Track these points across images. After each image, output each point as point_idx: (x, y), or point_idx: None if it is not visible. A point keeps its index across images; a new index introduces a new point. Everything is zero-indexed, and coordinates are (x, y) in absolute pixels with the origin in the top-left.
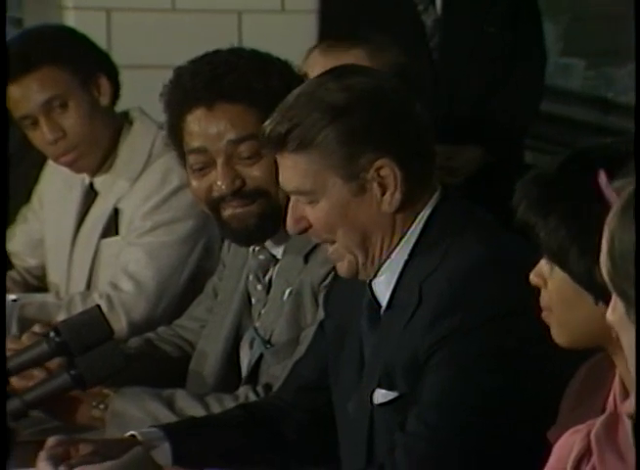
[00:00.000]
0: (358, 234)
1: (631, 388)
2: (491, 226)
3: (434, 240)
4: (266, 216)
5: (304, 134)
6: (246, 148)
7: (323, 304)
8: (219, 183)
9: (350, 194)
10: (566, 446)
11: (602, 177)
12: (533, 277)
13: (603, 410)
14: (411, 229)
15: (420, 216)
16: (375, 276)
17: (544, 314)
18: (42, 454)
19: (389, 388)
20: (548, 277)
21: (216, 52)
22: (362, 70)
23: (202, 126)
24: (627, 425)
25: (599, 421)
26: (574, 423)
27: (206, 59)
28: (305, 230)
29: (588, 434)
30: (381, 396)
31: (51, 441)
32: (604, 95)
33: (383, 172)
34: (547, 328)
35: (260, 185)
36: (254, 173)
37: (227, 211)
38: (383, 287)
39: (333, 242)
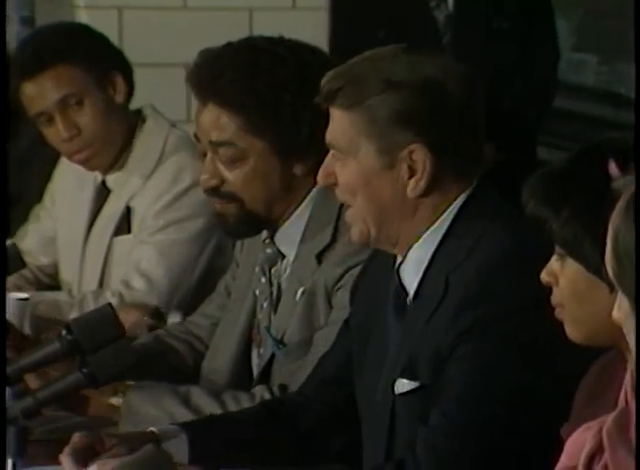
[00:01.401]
0: (375, 207)
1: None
2: (518, 220)
3: (464, 231)
4: (241, 220)
5: (355, 94)
6: (223, 153)
7: (349, 301)
8: (202, 176)
9: (379, 166)
10: (578, 443)
11: (612, 167)
12: (544, 276)
13: (615, 407)
14: (442, 218)
15: (452, 207)
16: (402, 262)
17: (557, 311)
18: (67, 449)
19: (412, 378)
20: (560, 274)
21: (209, 50)
22: (434, 54)
23: (198, 119)
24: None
25: (611, 417)
26: (587, 420)
27: (200, 55)
28: (332, 185)
29: (600, 430)
30: (402, 385)
31: (76, 436)
32: (617, 90)
33: (415, 156)
34: (562, 325)
35: (233, 190)
36: (230, 177)
37: (214, 205)
38: (411, 275)
39: (350, 206)
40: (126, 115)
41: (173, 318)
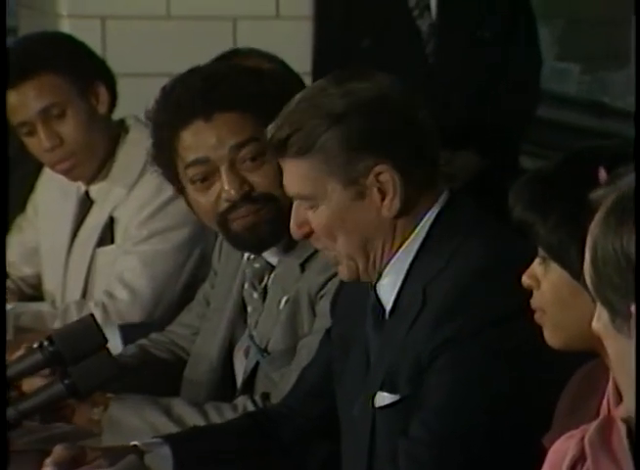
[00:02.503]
0: (358, 239)
1: (624, 392)
2: (497, 229)
3: (439, 243)
4: (276, 221)
5: (304, 140)
6: (248, 151)
7: (330, 310)
8: (227, 188)
9: (350, 199)
10: (560, 452)
11: (602, 174)
12: (526, 279)
13: (597, 415)
14: (415, 232)
15: (425, 219)
16: (379, 279)
17: (537, 315)
18: (49, 460)
19: (392, 391)
20: (542, 277)
21: (201, 66)
22: (364, 75)
23: (200, 138)
24: (621, 429)
25: (593, 425)
26: (569, 428)
27: (195, 72)
28: (308, 235)
29: (582, 439)
30: (382, 398)
31: (58, 447)
32: (599, 99)
33: (382, 178)
34: (541, 330)
35: (267, 190)
36: (260, 179)
37: (237, 223)
38: (387, 290)
39: (333, 248)
40: (109, 125)
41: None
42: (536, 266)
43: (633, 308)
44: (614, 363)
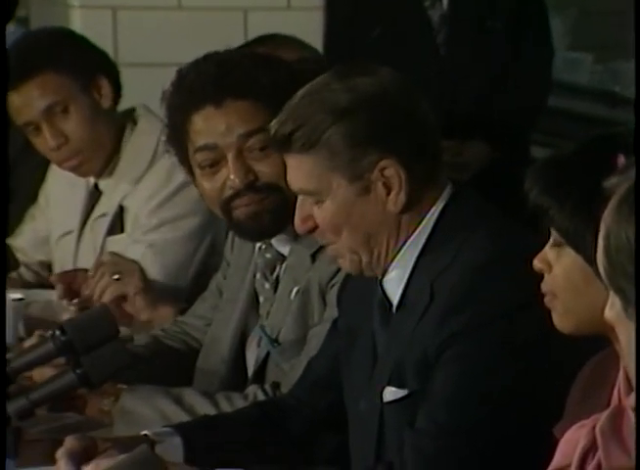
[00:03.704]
0: (363, 234)
1: (635, 382)
2: (502, 222)
3: (446, 238)
4: (279, 211)
5: (308, 135)
6: (257, 141)
7: (337, 302)
8: (232, 177)
9: (355, 194)
10: (571, 441)
11: (621, 159)
12: (537, 263)
13: (608, 405)
14: (421, 227)
15: (430, 214)
16: (384, 274)
17: (547, 299)
18: (60, 452)
19: (400, 386)
20: (554, 262)
21: (217, 52)
22: (367, 69)
23: (210, 124)
24: (632, 419)
25: (604, 415)
26: (580, 418)
27: (210, 58)
28: (312, 230)
29: (593, 428)
30: (390, 393)
31: (69, 438)
32: (611, 89)
33: (387, 173)
34: (549, 320)
35: (272, 180)
36: (266, 168)
37: (240, 210)
38: (394, 285)
39: (337, 243)
40: (114, 118)
41: None
42: (548, 250)
43: None
44: (625, 351)
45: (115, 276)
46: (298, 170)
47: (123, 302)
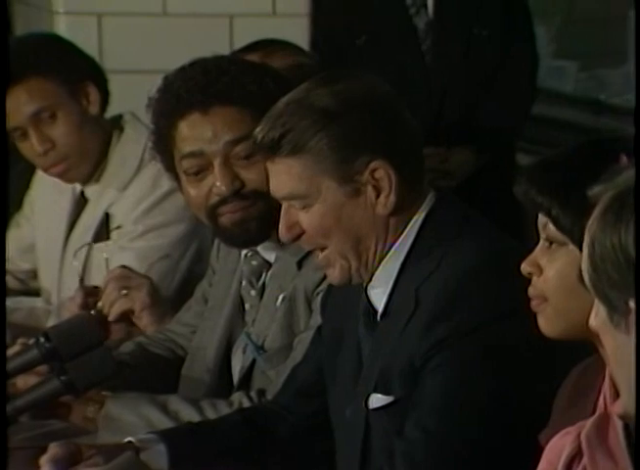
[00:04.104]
0: (352, 238)
1: (621, 389)
2: (487, 229)
3: (430, 244)
4: (265, 219)
5: (298, 138)
6: (243, 148)
7: (320, 308)
8: (218, 184)
9: (345, 197)
10: (556, 449)
11: (624, 159)
12: (526, 266)
13: (594, 413)
14: (405, 232)
15: (413, 221)
16: (370, 281)
17: (534, 303)
18: (44, 458)
19: (385, 393)
20: (547, 264)
21: (204, 58)
22: (350, 75)
23: (197, 131)
24: (618, 425)
25: (590, 422)
26: (565, 425)
27: (197, 64)
28: (298, 237)
29: (579, 435)
30: (376, 400)
31: (54, 445)
32: (596, 97)
33: (377, 175)
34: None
35: (259, 187)
36: (252, 176)
37: (225, 217)
38: (379, 292)
39: (324, 248)
40: (102, 125)
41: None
42: (539, 253)
43: (632, 304)
44: (611, 360)
45: (124, 291)
46: (287, 175)
47: (132, 315)
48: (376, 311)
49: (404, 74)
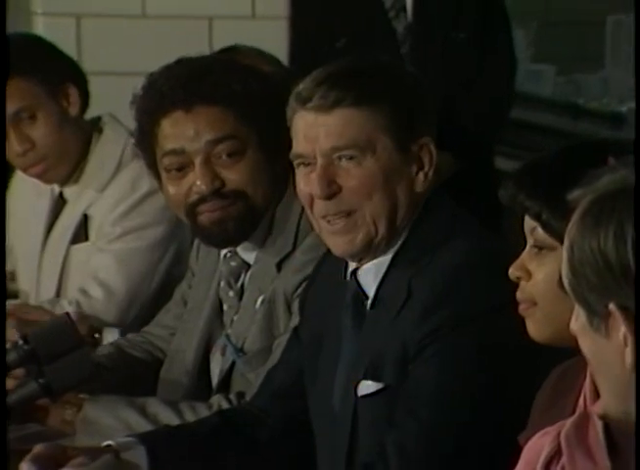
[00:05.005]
0: (391, 204)
1: (602, 390)
2: (475, 226)
3: (423, 236)
4: (244, 219)
5: (371, 88)
6: (224, 148)
7: (299, 309)
8: (198, 183)
9: (398, 161)
10: (535, 449)
11: (612, 162)
12: (514, 271)
13: (573, 413)
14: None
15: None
16: (358, 267)
17: (522, 308)
18: (29, 457)
19: (376, 379)
20: (535, 268)
21: (190, 57)
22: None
23: (179, 128)
24: (598, 425)
25: (569, 421)
26: (544, 426)
27: (182, 63)
28: (334, 195)
29: (558, 435)
30: (366, 387)
31: (38, 445)
32: (575, 101)
33: (424, 151)
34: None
35: (239, 187)
36: (233, 175)
37: (204, 216)
38: (369, 278)
39: (350, 213)
40: (81, 126)
41: (111, 335)
42: (527, 258)
43: (611, 307)
44: (591, 363)
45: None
46: (347, 125)
47: None
48: (367, 297)
49: None
